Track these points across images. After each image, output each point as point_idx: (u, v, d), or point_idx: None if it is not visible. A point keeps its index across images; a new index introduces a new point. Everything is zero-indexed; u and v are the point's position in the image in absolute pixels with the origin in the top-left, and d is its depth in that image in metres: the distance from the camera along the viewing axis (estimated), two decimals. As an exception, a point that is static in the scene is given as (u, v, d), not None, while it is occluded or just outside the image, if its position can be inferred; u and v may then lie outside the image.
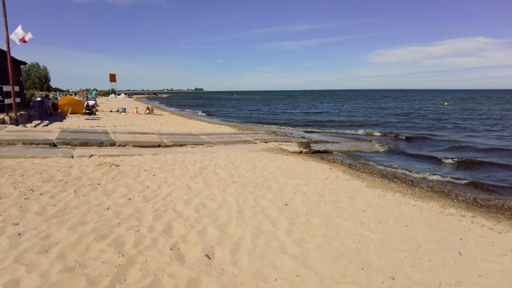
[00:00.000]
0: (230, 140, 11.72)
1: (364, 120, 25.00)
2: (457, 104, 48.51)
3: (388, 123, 22.75)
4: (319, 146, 11.98)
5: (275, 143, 11.88)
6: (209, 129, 15.24)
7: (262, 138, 12.59)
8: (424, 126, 21.05)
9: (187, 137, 11.87)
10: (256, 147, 10.87)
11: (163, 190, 5.49)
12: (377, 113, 32.79)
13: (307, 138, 14.08)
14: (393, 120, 25.45)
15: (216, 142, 11.22)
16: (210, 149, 9.94)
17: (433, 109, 38.55)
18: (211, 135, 12.70)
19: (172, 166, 7.36)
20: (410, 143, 14.36)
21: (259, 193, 5.59)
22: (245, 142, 11.64)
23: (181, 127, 15.42)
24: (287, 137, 13.66)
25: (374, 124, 22.10)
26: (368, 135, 16.77)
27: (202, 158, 8.47)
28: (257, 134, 13.91)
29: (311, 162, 8.97)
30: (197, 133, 13.28)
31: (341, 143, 13.27)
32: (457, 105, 47.11)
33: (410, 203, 5.68)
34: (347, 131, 18.24)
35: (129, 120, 18.79)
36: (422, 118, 26.41)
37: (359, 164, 9.58)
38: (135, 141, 10.26)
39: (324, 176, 7.32)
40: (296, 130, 18.76)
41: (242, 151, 9.93)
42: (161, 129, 13.97)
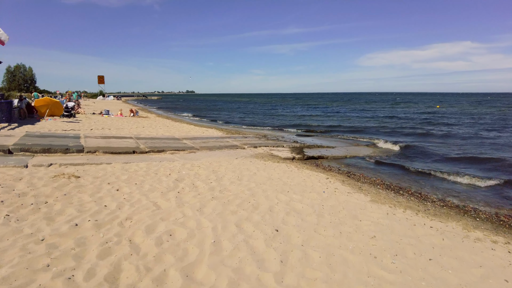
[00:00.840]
0: (215, 145, 10.64)
1: (360, 124, 24.21)
2: (449, 107, 48.39)
3: (384, 127, 21.98)
4: (313, 152, 10.99)
5: (266, 148, 10.85)
6: (194, 133, 14.12)
7: (251, 143, 11.55)
8: (420, 128, 20.32)
9: (168, 141, 10.74)
10: (244, 153, 9.82)
11: (123, 211, 4.39)
12: (372, 116, 32.12)
13: (300, 142, 13.10)
14: (390, 123, 24.73)
15: (200, 147, 10.12)
16: (192, 156, 8.84)
17: (427, 111, 38.15)
18: (195, 140, 11.60)
19: (143, 177, 6.25)
20: (410, 149, 13.51)
21: (243, 214, 4.54)
22: (232, 147, 10.58)
23: (164, 130, 14.27)
24: (279, 142, 12.66)
25: (370, 128, 21.30)
26: (365, 139, 15.89)
27: (181, 167, 7.37)
28: (246, 138, 12.86)
29: (306, 170, 7.96)
30: (180, 137, 12.16)
31: (337, 148, 12.32)
32: (450, 107, 46.96)
33: (426, 224, 4.70)
34: (342, 135, 17.34)
35: (109, 123, 17.55)
36: (418, 121, 25.78)
37: (359, 172, 8.61)
38: (107, 146, 9.10)
39: (321, 188, 6.30)
40: (289, 133, 17.79)
41: (228, 158, 8.86)
42: (141, 133, 12.80)
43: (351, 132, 18.80)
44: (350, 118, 29.21)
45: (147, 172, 6.69)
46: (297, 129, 20.11)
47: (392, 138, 16.06)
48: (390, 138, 15.94)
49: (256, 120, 26.83)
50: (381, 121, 26.24)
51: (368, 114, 34.79)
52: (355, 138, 16.20)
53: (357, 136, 16.92)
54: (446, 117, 29.45)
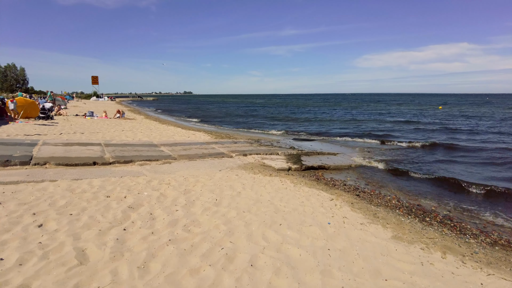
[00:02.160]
0: (198, 153, 9.05)
1: (361, 126, 22.69)
2: (451, 108, 47.05)
3: (388, 129, 20.47)
4: (313, 160, 9.43)
5: (257, 157, 9.27)
6: (178, 137, 12.52)
7: (241, 150, 9.96)
8: (429, 130, 18.82)
9: (141, 149, 9.14)
10: (231, 163, 8.24)
11: (22, 271, 2.81)
12: (373, 117, 30.63)
13: (297, 148, 11.53)
14: (391, 125, 23.23)
15: (178, 156, 8.53)
16: (165, 168, 7.25)
17: (430, 113, 36.75)
18: (176, 146, 9.99)
19: (87, 203, 4.66)
20: (423, 153, 11.97)
21: (208, 274, 2.96)
22: (218, 156, 8.99)
23: (144, 135, 12.66)
24: (273, 148, 11.09)
25: (373, 130, 19.77)
26: (368, 143, 14.34)
27: (145, 184, 5.78)
28: (235, 144, 11.27)
29: (304, 188, 6.38)
30: (159, 143, 10.55)
31: (339, 155, 10.77)
32: (452, 108, 45.62)
33: (484, 283, 3.14)
34: (343, 138, 15.79)
35: (88, 125, 15.93)
36: (424, 123, 24.30)
37: (369, 187, 7.06)
38: (63, 156, 7.49)
39: (325, 216, 4.73)
40: (284, 137, 16.23)
41: (210, 170, 7.28)
42: (115, 138, 11.19)
43: (354, 135, 17.28)
44: (351, 120, 27.68)
45: (97, 194, 5.09)
46: (294, 132, 18.56)
47: (401, 140, 14.55)
48: (398, 140, 14.42)
49: (250, 123, 25.25)
50: (383, 123, 24.74)
51: (369, 115, 33.32)
52: (358, 141, 14.66)
53: (360, 139, 15.38)
54: (456, 118, 28.02)
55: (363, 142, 14.57)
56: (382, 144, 13.99)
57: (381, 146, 13.44)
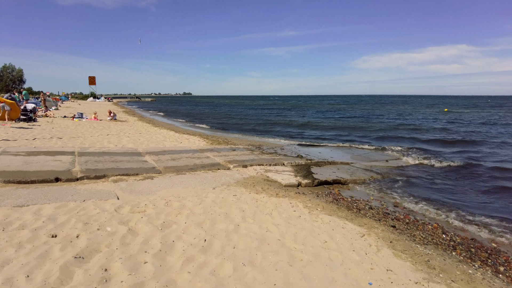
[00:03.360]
0: (188, 164, 7.57)
1: (368, 130, 21.24)
2: (458, 111, 45.72)
3: (398, 134, 19.05)
4: (325, 172, 7.98)
5: (259, 168, 7.81)
6: (169, 143, 11.04)
7: (240, 160, 8.49)
8: (449, 135, 17.39)
9: (121, 159, 7.66)
10: (228, 177, 6.77)
11: None
12: (381, 120, 29.18)
13: (304, 156, 10.07)
14: (404, 130, 21.81)
15: (164, 168, 7.05)
16: (145, 186, 5.77)
17: (438, 116, 35.37)
18: (163, 155, 8.51)
19: (15, 250, 3.19)
20: (457, 158, 10.52)
21: None
22: (212, 167, 7.52)
23: (129, 140, 11.18)
24: (277, 156, 9.62)
25: (385, 136, 18.33)
26: (384, 150, 12.89)
27: (112, 214, 4.31)
28: (233, 151, 9.79)
29: (323, 216, 4.90)
30: (144, 150, 9.07)
31: (354, 165, 9.32)
32: (457, 111, 44.27)
33: None
34: (356, 145, 14.31)
35: (72, 129, 14.47)
36: (441, 129, 22.90)
37: (399, 210, 5.61)
38: (18, 171, 6.02)
39: (360, 267, 3.27)
40: (288, 141, 14.76)
41: (201, 188, 5.82)
42: (95, 144, 9.71)
43: (363, 138, 15.82)
44: (358, 123, 26.22)
45: (38, 232, 3.62)
46: (298, 137, 17.09)
47: (420, 146, 13.12)
48: (417, 146, 13.00)
49: (250, 126, 23.75)
50: (395, 127, 23.29)
51: (377, 118, 31.90)
52: (372, 148, 13.20)
53: (373, 145, 13.94)
54: (473, 123, 26.62)
55: (374, 150, 13.13)
56: (406, 152, 12.54)
57: (397, 154, 11.99)
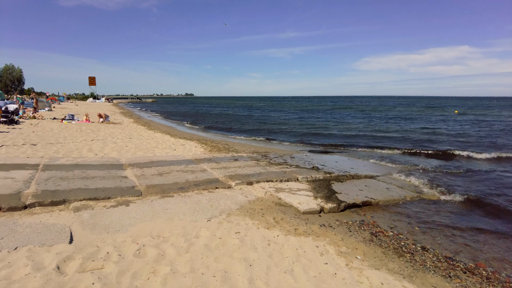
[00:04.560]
0: (179, 181, 5.98)
1: (383, 133, 19.59)
2: (469, 112, 43.95)
3: (417, 139, 17.39)
4: (350, 190, 6.37)
5: (268, 186, 6.20)
6: (160, 150, 9.46)
7: (243, 174, 6.89)
8: (480, 139, 15.74)
9: (95, 174, 6.08)
10: (229, 201, 5.18)
11: None
12: (391, 123, 27.49)
13: (319, 166, 8.46)
14: (426, 134, 20.14)
15: (146, 188, 5.47)
16: (115, 217, 4.19)
17: (454, 118, 33.66)
18: (150, 167, 6.93)
19: None
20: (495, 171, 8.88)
21: None
22: (209, 185, 5.92)
23: (115, 147, 9.61)
24: (288, 167, 8.02)
25: (401, 139, 16.70)
26: (411, 155, 11.23)
27: (49, 274, 2.73)
28: (236, 162, 8.19)
29: (368, 270, 3.29)
30: (128, 161, 7.48)
31: (379, 178, 7.70)
32: (470, 112, 42.51)
33: None
34: (370, 150, 12.68)
35: (55, 132, 12.96)
36: (476, 129, 21.23)
37: (468, 257, 4.01)
38: None
39: None
40: (297, 148, 13.17)
41: (192, 220, 4.24)
42: (71, 154, 8.16)
43: (381, 146, 14.20)
44: (368, 126, 24.44)
45: None
46: (308, 141, 15.48)
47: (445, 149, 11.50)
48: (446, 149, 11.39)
49: (254, 129, 22.11)
50: (410, 131, 21.62)
51: (386, 121, 30.20)
52: (394, 155, 11.57)
53: (390, 151, 12.32)
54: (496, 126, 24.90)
55: (396, 156, 11.50)
56: (424, 158, 10.92)
57: (423, 161, 10.37)
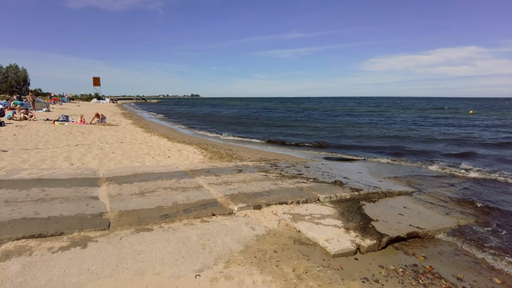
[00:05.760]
0: (164, 205, 4.55)
1: (406, 137, 17.95)
2: (483, 113, 41.98)
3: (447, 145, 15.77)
4: (387, 214, 4.89)
5: (281, 210, 4.74)
6: (150, 159, 8.06)
7: (249, 192, 5.43)
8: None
9: (58, 193, 4.69)
10: (229, 237, 3.73)
11: None
12: (419, 125, 25.71)
13: (341, 178, 6.97)
14: (452, 140, 18.50)
15: (118, 215, 4.05)
16: (58, 271, 2.77)
17: (462, 117, 31.86)
18: (132, 183, 5.50)
19: None
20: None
21: None
22: (203, 211, 4.48)
23: (99, 153, 8.24)
24: (304, 181, 6.54)
25: (432, 145, 15.11)
26: (453, 167, 9.63)
27: None
28: (239, 174, 6.73)
29: None
30: (106, 174, 6.08)
31: (416, 195, 6.19)
32: (484, 113, 40.56)
33: None
34: (400, 159, 11.12)
35: (41, 135, 11.70)
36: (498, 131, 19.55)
37: None
38: None
39: None
40: (310, 154, 11.68)
41: (173, 273, 2.80)
42: (42, 163, 6.81)
43: (411, 150, 12.65)
44: (389, 129, 22.78)
45: None
46: (320, 146, 13.97)
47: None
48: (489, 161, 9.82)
49: (260, 131, 20.65)
50: (435, 135, 19.99)
51: (405, 123, 28.53)
52: (434, 168, 10.01)
53: (415, 158, 10.78)
54: None
55: (427, 165, 9.96)
56: (467, 171, 9.36)
57: (471, 173, 8.82)
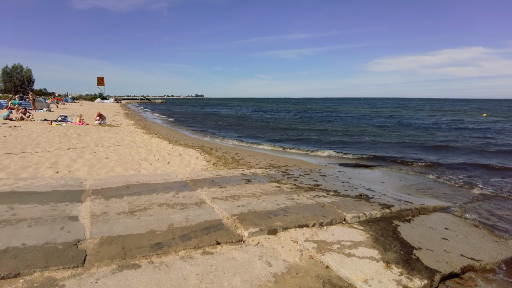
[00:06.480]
0: (156, 231, 3.69)
1: (423, 142, 16.97)
2: (497, 115, 40.67)
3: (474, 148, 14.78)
4: (431, 241, 3.98)
5: (301, 235, 3.86)
6: (147, 165, 7.22)
7: (261, 210, 4.55)
8: None
9: (27, 213, 3.87)
10: (238, 280, 2.86)
11: None
12: (437, 127, 24.61)
13: (364, 189, 6.06)
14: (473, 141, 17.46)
15: (98, 245, 3.21)
16: None
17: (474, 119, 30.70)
18: (122, 197, 4.66)
19: None
20: None
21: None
22: (203, 239, 3.61)
23: (91, 159, 7.44)
24: (324, 195, 5.65)
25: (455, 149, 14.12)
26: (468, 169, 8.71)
27: None
28: (248, 184, 5.86)
29: None
30: (94, 185, 5.25)
31: (455, 212, 5.28)
32: (499, 115, 39.25)
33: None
34: (427, 164, 10.16)
35: (34, 137, 10.97)
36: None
37: None
38: None
39: None
40: (324, 159, 10.77)
41: None
42: (23, 171, 6.01)
43: (429, 157, 11.70)
44: (403, 132, 21.59)
45: None
46: (331, 148, 13.05)
47: None
48: None
49: (268, 134, 19.73)
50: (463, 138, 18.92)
51: (421, 124, 27.45)
52: (453, 173, 9.07)
53: (442, 161, 9.83)
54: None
55: (458, 173, 9.02)
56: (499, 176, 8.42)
57: (500, 181, 7.89)
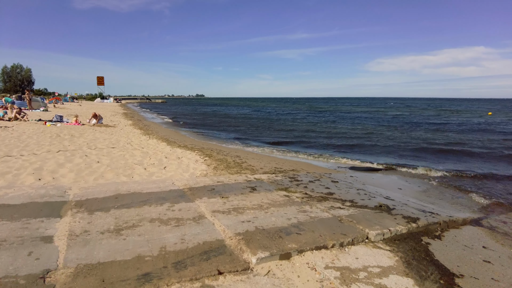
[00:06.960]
0: (145, 256, 3.05)
1: (438, 144, 16.30)
2: (502, 115, 40.01)
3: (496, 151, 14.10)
4: (471, 264, 3.34)
5: (320, 260, 3.21)
6: (141, 170, 6.58)
7: (270, 226, 3.90)
8: None
9: None
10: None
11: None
12: (448, 127, 23.91)
13: (382, 198, 5.42)
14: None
15: (71, 277, 2.57)
16: None
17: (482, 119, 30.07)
18: (108, 211, 4.03)
19: None
20: None
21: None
22: (202, 267, 2.96)
23: (80, 163, 6.80)
24: (340, 204, 5.01)
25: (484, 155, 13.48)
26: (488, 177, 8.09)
27: None
28: (254, 193, 5.22)
29: None
30: (79, 195, 4.61)
31: (485, 223, 4.62)
32: (503, 115, 38.61)
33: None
34: (441, 170, 9.53)
35: (23, 139, 10.36)
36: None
37: None
38: None
39: None
40: (332, 163, 10.12)
41: None
42: (0, 180, 5.36)
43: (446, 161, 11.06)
44: (415, 134, 20.82)
45: None
46: (338, 151, 12.39)
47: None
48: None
49: (270, 133, 19.12)
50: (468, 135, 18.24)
51: (432, 125, 26.76)
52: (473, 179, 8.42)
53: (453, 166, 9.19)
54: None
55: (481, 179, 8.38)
56: None
57: None
